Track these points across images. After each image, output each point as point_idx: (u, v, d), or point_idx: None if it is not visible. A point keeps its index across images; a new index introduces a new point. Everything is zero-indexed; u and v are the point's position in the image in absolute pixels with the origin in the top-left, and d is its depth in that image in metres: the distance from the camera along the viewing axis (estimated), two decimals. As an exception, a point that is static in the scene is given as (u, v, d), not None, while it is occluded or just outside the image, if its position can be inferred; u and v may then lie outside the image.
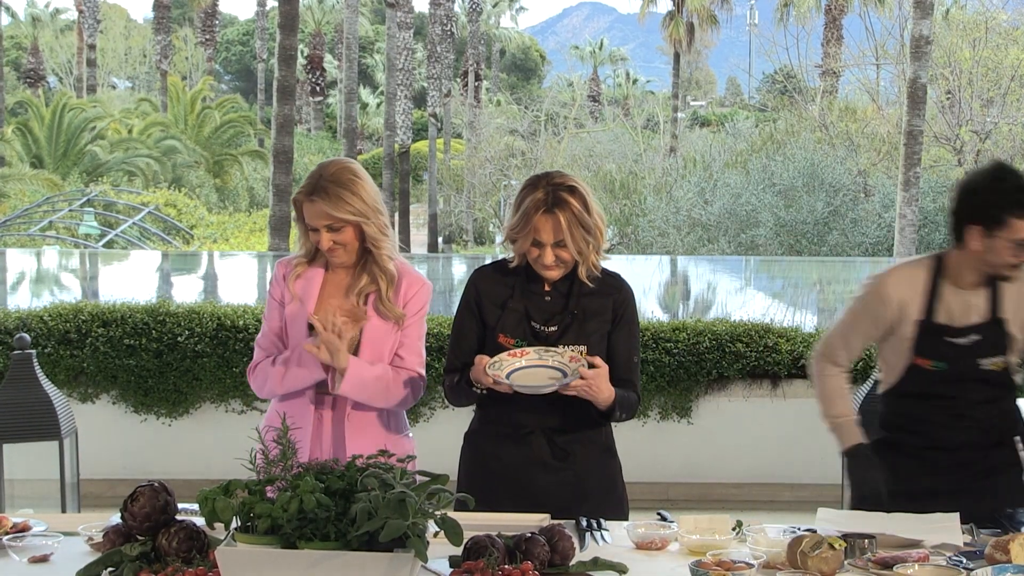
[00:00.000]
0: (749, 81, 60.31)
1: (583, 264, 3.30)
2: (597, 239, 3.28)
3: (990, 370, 3.39)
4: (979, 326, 3.36)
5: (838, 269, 16.47)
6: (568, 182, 3.29)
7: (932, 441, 3.44)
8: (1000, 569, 2.69)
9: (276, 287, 3.45)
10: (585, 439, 3.38)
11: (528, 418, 3.36)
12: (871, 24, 29.86)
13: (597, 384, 3.19)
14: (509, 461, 3.39)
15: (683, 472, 6.98)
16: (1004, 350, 3.39)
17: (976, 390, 3.39)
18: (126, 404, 7.01)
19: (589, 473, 3.39)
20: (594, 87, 56.62)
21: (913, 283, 3.39)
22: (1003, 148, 23.15)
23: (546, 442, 3.37)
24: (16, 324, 6.87)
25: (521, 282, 3.37)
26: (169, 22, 41.13)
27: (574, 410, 3.30)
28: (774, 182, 21.39)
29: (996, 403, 3.43)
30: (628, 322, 3.39)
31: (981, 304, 3.37)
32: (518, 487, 3.36)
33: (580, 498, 3.34)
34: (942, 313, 3.37)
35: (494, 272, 3.43)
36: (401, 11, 28.06)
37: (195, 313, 6.99)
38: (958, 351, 3.36)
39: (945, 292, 3.37)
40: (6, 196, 23.53)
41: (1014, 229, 3.20)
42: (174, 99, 32.25)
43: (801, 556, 2.75)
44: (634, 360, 3.40)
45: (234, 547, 2.44)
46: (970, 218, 3.28)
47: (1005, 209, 3.20)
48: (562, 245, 3.25)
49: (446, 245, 30.91)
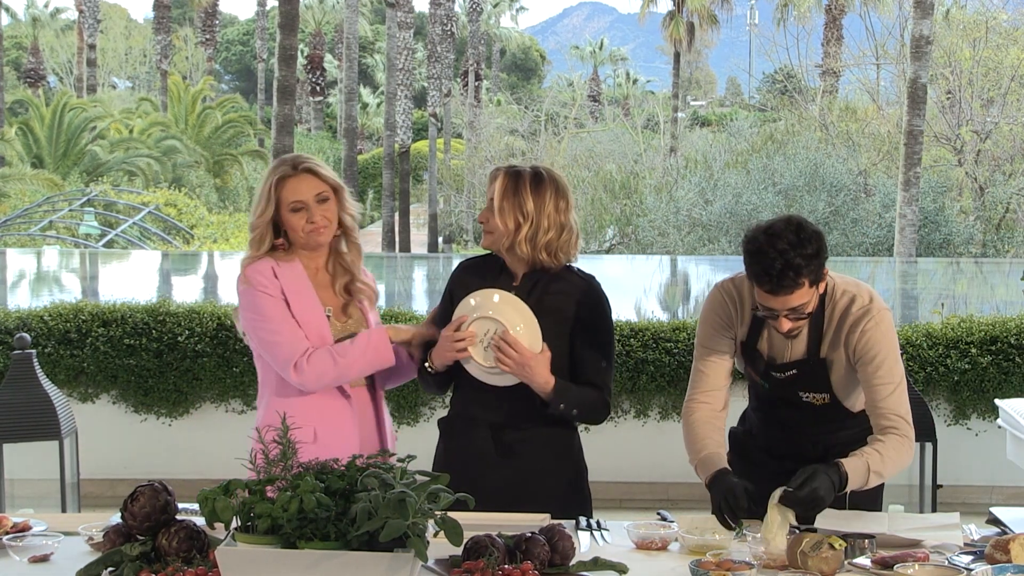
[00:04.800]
0: (749, 81, 60.31)
1: (510, 241, 3.31)
2: (537, 228, 3.29)
3: (810, 403, 3.34)
4: (798, 363, 3.29)
5: (839, 269, 16.32)
6: (537, 167, 3.38)
7: (766, 443, 3.45)
8: (1000, 569, 2.69)
9: (270, 285, 3.39)
10: (532, 437, 3.35)
11: (476, 410, 3.40)
12: (871, 24, 29.88)
13: (529, 365, 3.21)
14: (457, 454, 3.42)
15: (683, 472, 6.91)
16: (826, 387, 3.31)
17: (802, 412, 3.37)
18: (126, 404, 7.01)
19: (535, 473, 3.35)
20: (594, 87, 56.60)
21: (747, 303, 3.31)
22: (1003, 148, 23.15)
23: (490, 436, 3.37)
24: (16, 324, 6.87)
25: (494, 274, 3.41)
26: (169, 22, 41.10)
27: (522, 405, 3.30)
28: (775, 182, 21.38)
29: (826, 424, 3.38)
30: (593, 325, 3.36)
31: (801, 342, 3.27)
32: (464, 480, 3.37)
33: (527, 498, 3.29)
34: (763, 342, 3.32)
35: (476, 263, 3.50)
36: (401, 11, 28.04)
37: (195, 313, 6.99)
38: (776, 381, 3.33)
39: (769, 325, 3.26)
40: (6, 196, 23.52)
41: (756, 293, 3.12)
42: (174, 99, 32.24)
43: (801, 556, 2.75)
44: (601, 364, 3.36)
45: (234, 547, 2.44)
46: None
47: (748, 274, 3.11)
48: (492, 208, 3.32)
49: (446, 245, 30.89)
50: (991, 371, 6.71)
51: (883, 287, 13.65)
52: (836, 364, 3.27)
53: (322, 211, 3.40)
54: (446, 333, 3.32)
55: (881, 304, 3.25)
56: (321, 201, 3.40)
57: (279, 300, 3.39)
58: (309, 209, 3.38)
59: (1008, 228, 22.03)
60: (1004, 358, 6.74)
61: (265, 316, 3.40)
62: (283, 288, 3.40)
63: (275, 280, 3.40)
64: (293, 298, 3.39)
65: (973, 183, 22.82)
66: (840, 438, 3.36)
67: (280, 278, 3.40)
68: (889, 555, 2.80)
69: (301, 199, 3.38)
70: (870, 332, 3.19)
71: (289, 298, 3.39)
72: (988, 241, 21.39)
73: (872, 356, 3.19)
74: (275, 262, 3.43)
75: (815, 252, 3.04)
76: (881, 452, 3.11)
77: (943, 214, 20.66)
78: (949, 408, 6.84)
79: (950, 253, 20.17)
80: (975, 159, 23.02)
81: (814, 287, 3.09)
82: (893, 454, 3.13)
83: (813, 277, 3.06)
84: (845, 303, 3.23)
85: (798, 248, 3.01)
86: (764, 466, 3.35)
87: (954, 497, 6.57)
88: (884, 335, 3.21)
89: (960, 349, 6.77)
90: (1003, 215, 22.13)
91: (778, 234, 3.02)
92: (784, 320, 3.11)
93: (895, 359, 3.22)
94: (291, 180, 3.39)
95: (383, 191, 28.38)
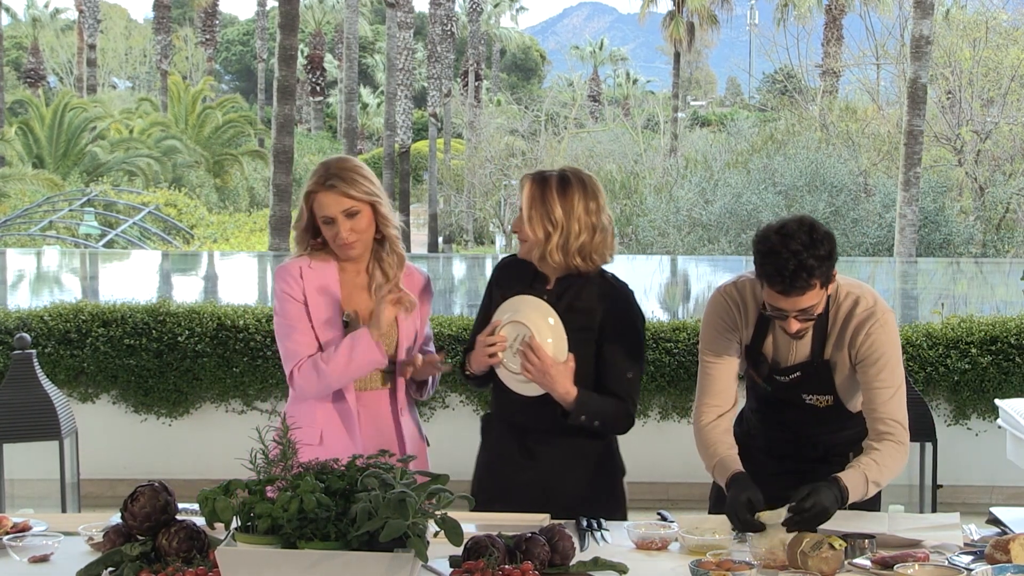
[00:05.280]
0: (749, 81, 60.32)
1: (541, 251, 3.28)
2: (568, 234, 3.25)
3: (813, 405, 3.33)
4: (802, 365, 3.28)
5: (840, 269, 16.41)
6: (564, 170, 3.34)
7: (765, 444, 3.44)
8: (1000, 569, 2.69)
9: (294, 286, 3.37)
10: (560, 440, 3.34)
11: (508, 411, 3.39)
12: (871, 24, 29.89)
13: (550, 373, 3.20)
14: (491, 453, 3.44)
15: (683, 472, 6.97)
16: (830, 389, 3.30)
17: (804, 414, 3.36)
18: (126, 404, 7.01)
19: (564, 474, 3.34)
20: (594, 87, 56.60)
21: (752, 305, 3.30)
22: (1003, 148, 23.16)
23: (519, 438, 3.37)
24: (16, 324, 6.87)
25: (530, 275, 3.38)
26: (169, 22, 41.11)
27: (547, 409, 3.29)
28: (775, 182, 21.39)
29: (827, 426, 3.37)
30: (621, 333, 3.33)
31: (805, 344, 3.26)
32: (490, 482, 3.40)
33: (556, 499, 3.29)
34: (767, 345, 3.31)
35: (514, 262, 3.45)
36: (401, 11, 28.05)
37: (195, 313, 6.99)
38: (780, 384, 3.32)
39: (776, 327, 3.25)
40: (6, 196, 23.53)
41: (766, 293, 3.10)
42: (174, 99, 32.24)
43: (801, 556, 2.75)
44: (627, 375, 3.32)
45: (234, 547, 2.44)
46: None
47: (759, 273, 3.08)
48: (522, 218, 3.29)
49: (446, 245, 30.90)
50: (991, 371, 6.71)
51: (883, 287, 13.66)
52: (840, 366, 3.26)
53: (351, 225, 3.32)
54: (480, 337, 3.31)
55: (885, 306, 3.24)
56: (350, 216, 3.32)
57: (298, 303, 3.37)
58: (337, 224, 3.33)
59: (1008, 228, 22.03)
60: (1004, 358, 6.73)
61: (282, 317, 3.40)
62: (305, 290, 3.37)
63: (299, 281, 3.37)
64: (313, 300, 3.37)
65: (973, 183, 22.83)
66: (841, 438, 3.36)
67: (306, 279, 3.37)
68: (889, 555, 2.80)
69: (328, 214, 3.33)
70: (875, 334, 3.19)
71: (309, 300, 3.37)
72: (988, 241, 21.40)
73: (875, 359, 3.18)
74: (309, 260, 3.40)
75: (827, 254, 3.03)
76: (878, 462, 3.10)
77: (943, 214, 20.67)
78: (949, 408, 6.84)
79: (950, 253, 20.17)
80: (975, 159, 23.03)
81: (824, 288, 3.08)
82: (889, 462, 3.13)
83: (824, 279, 3.05)
84: (849, 305, 3.22)
85: (811, 249, 2.99)
86: (764, 466, 3.34)
87: (954, 497, 6.57)
88: (888, 338, 3.21)
89: (960, 349, 6.77)
90: (1003, 215, 22.14)
91: (791, 235, 3.00)
92: (793, 321, 3.10)
93: (897, 362, 3.22)
94: (319, 195, 3.33)
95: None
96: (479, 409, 6.73)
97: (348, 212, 3.32)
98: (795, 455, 3.38)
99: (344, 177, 3.32)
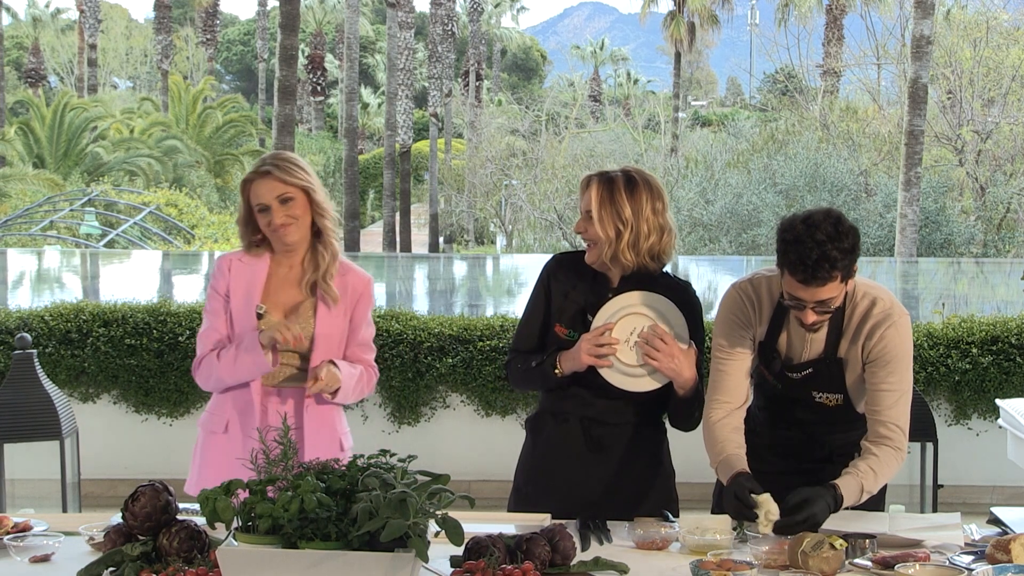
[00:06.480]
0: (750, 81, 60.34)
1: (614, 250, 3.26)
2: (638, 234, 3.25)
3: (823, 403, 3.33)
4: (815, 361, 3.28)
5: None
6: (628, 170, 3.32)
7: (772, 442, 3.44)
8: (1000, 569, 2.69)
9: (220, 280, 3.50)
10: (622, 433, 3.36)
11: (568, 406, 3.37)
12: (872, 24, 29.89)
13: (679, 357, 3.21)
14: (547, 449, 3.41)
15: (684, 472, 6.96)
16: (840, 387, 3.30)
17: (813, 413, 3.36)
18: (127, 404, 7.01)
19: (624, 469, 3.36)
20: (595, 87, 56.61)
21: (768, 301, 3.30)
22: (1004, 148, 23.15)
23: (581, 432, 3.36)
24: (17, 324, 6.87)
25: (590, 275, 3.37)
26: (170, 22, 41.13)
27: (613, 402, 3.31)
28: (776, 182, 21.39)
29: (835, 426, 3.37)
30: (691, 330, 3.33)
31: (819, 341, 3.26)
32: (554, 476, 3.37)
33: (615, 494, 3.32)
34: (782, 341, 3.31)
35: (572, 258, 3.44)
36: (402, 11, 28.06)
37: (196, 313, 6.99)
38: (791, 381, 3.32)
39: (792, 322, 3.25)
40: (7, 196, 23.52)
41: (786, 282, 3.10)
42: (175, 99, 32.24)
43: (802, 556, 2.75)
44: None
45: (235, 547, 2.44)
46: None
47: (782, 262, 3.07)
48: (590, 218, 3.27)
49: (447, 245, 30.92)
50: (992, 371, 6.71)
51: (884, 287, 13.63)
52: (852, 364, 3.26)
53: (285, 211, 3.42)
54: (588, 337, 3.25)
55: (902, 310, 3.24)
56: (284, 202, 3.41)
57: (219, 296, 3.50)
58: (271, 212, 3.42)
59: (1009, 228, 22.04)
60: (1005, 358, 6.73)
61: (205, 310, 3.55)
62: (230, 284, 3.49)
63: (226, 275, 3.50)
64: (235, 294, 3.48)
65: (974, 183, 22.83)
66: (848, 439, 3.36)
67: (233, 272, 3.49)
68: (890, 555, 2.80)
69: (262, 201, 3.43)
70: (889, 336, 3.18)
71: (232, 293, 3.48)
72: (989, 241, 21.41)
73: (886, 360, 3.18)
74: (241, 256, 3.52)
75: (851, 247, 3.02)
76: (875, 470, 3.11)
77: (944, 214, 20.67)
78: (950, 408, 6.84)
79: (951, 253, 20.18)
80: (976, 159, 23.03)
81: (844, 283, 3.08)
82: (886, 469, 3.14)
83: (846, 272, 3.05)
84: (867, 305, 3.22)
85: (836, 241, 2.99)
86: (770, 464, 3.35)
87: (955, 497, 6.57)
88: (902, 341, 3.20)
89: (961, 349, 6.77)
90: (1004, 215, 22.14)
91: (817, 225, 3.00)
92: (810, 312, 3.09)
93: (907, 367, 3.21)
94: (254, 183, 3.44)
95: (384, 191, 28.40)
96: (479, 409, 6.72)
97: (282, 198, 3.41)
98: (801, 454, 3.38)
99: (279, 165, 3.43)
